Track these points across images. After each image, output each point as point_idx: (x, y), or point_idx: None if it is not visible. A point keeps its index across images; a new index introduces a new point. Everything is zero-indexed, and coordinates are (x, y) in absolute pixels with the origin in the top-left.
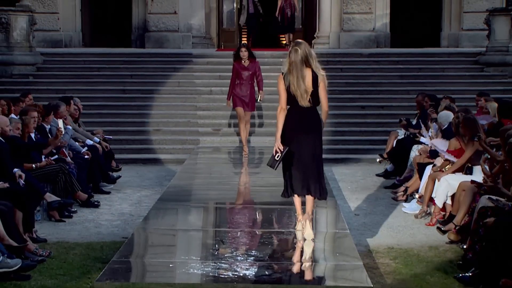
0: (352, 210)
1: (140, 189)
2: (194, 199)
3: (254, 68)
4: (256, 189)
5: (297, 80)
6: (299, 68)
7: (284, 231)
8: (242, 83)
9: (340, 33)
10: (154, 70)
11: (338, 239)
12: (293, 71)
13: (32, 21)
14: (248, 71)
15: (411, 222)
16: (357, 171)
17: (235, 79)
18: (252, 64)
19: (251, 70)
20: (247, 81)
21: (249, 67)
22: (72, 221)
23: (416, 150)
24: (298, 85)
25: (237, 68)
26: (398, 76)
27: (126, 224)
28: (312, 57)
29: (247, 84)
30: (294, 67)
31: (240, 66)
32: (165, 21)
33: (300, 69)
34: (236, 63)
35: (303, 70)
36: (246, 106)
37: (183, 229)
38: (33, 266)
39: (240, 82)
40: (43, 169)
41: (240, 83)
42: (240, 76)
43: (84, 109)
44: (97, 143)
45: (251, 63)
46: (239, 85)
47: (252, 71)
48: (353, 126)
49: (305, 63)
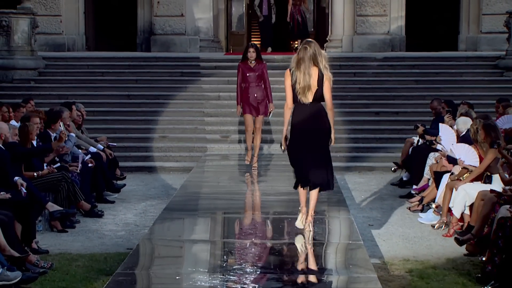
0: (366, 220)
1: (145, 198)
2: (202, 208)
3: (260, 70)
4: (266, 198)
5: (303, 76)
6: (306, 65)
7: (295, 242)
8: (249, 85)
9: (354, 36)
10: (160, 74)
11: (351, 251)
12: (300, 67)
13: (34, 24)
14: (254, 72)
15: (428, 233)
16: (371, 180)
17: (241, 81)
18: (259, 66)
19: (257, 71)
20: (254, 83)
21: (255, 68)
22: (75, 232)
23: (433, 158)
24: (304, 81)
25: (243, 68)
26: (413, 81)
27: (131, 235)
28: (321, 56)
29: (255, 86)
30: (302, 63)
31: (245, 67)
32: (172, 24)
33: (307, 66)
34: (241, 64)
35: (310, 67)
36: (255, 111)
37: (190, 240)
38: (34, 278)
39: (247, 85)
40: (45, 178)
41: (247, 86)
42: (246, 78)
43: (88, 115)
44: (101, 151)
45: (258, 64)
46: (246, 88)
47: (259, 72)
48: (367, 133)
49: (313, 61)
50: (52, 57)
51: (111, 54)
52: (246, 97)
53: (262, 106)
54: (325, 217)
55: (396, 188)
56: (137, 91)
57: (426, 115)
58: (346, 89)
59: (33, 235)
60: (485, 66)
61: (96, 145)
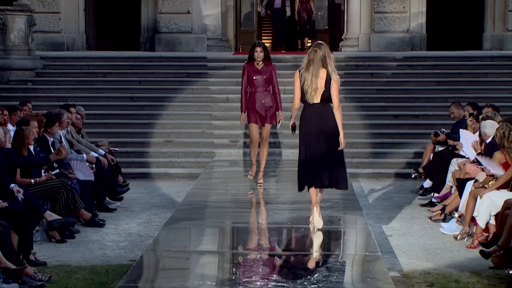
0: (384, 230)
1: (149, 207)
2: (209, 218)
3: (269, 72)
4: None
5: (312, 77)
6: (315, 67)
7: (308, 254)
8: (255, 90)
9: (371, 35)
10: (165, 75)
11: (369, 263)
12: (309, 68)
13: (31, 22)
14: (261, 75)
15: (450, 244)
16: (390, 187)
17: (247, 85)
18: (267, 68)
19: (265, 74)
20: (261, 88)
21: (263, 71)
22: (75, 242)
23: (455, 164)
24: (311, 82)
25: (248, 71)
26: (435, 82)
27: (134, 246)
28: (330, 58)
29: (262, 91)
30: (311, 65)
31: (252, 69)
32: (177, 22)
33: (316, 68)
34: (247, 65)
35: (319, 69)
36: (262, 120)
37: (196, 251)
38: None
39: (253, 90)
40: (42, 185)
41: (253, 91)
42: (251, 82)
43: (88, 118)
44: (102, 156)
45: (266, 66)
46: (252, 93)
47: (267, 75)
48: (385, 137)
49: (322, 63)
50: (50, 57)
51: (113, 53)
52: (252, 104)
53: (270, 114)
54: (340, 226)
55: (417, 196)
56: (140, 93)
57: (448, 118)
58: (363, 90)
59: (30, 246)
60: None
61: (97, 150)
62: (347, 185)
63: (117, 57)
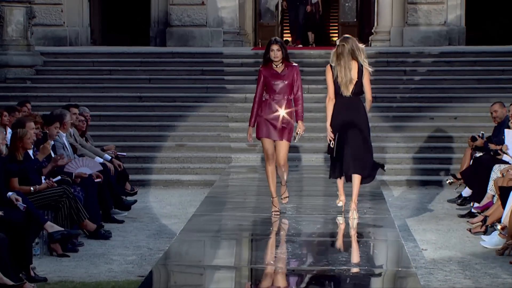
0: (418, 243)
1: (159, 217)
2: (225, 229)
3: (291, 76)
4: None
5: (344, 70)
6: (346, 60)
7: (335, 269)
8: (273, 98)
9: (404, 28)
10: (177, 73)
11: (401, 279)
12: (341, 62)
13: (31, 14)
14: (282, 80)
15: (492, 260)
16: (425, 196)
17: (262, 93)
18: (289, 70)
19: (287, 79)
20: (282, 96)
21: (284, 75)
22: (78, 256)
23: (498, 170)
24: (345, 75)
25: (266, 76)
26: (475, 80)
27: (143, 260)
28: (359, 50)
29: (282, 100)
30: (342, 58)
31: (269, 73)
32: (191, 14)
33: (347, 61)
34: (264, 69)
35: (349, 62)
36: (278, 134)
37: (211, 266)
38: None
39: (269, 98)
40: (43, 193)
41: (269, 98)
42: (270, 89)
43: (93, 120)
44: (108, 161)
45: (287, 69)
46: (268, 102)
47: (289, 80)
48: (419, 141)
49: (351, 55)
50: (51, 53)
51: (120, 49)
52: (266, 114)
53: (288, 128)
54: (370, 239)
55: (454, 206)
56: (150, 92)
57: (489, 120)
58: (395, 89)
59: (29, 260)
60: None
61: (102, 155)
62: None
63: (124, 53)
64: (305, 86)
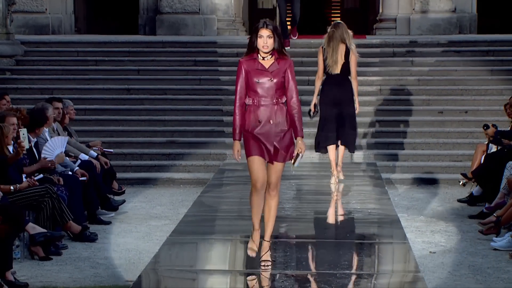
0: (426, 246)
1: (149, 218)
2: (219, 231)
3: (282, 73)
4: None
5: (332, 52)
6: (335, 43)
7: (336, 273)
8: (259, 103)
9: (411, 16)
10: (168, 63)
11: (408, 284)
12: (330, 44)
13: (10, 1)
14: (269, 77)
15: (505, 263)
16: (433, 196)
17: (243, 95)
18: (281, 65)
19: (276, 76)
20: (269, 99)
21: (273, 71)
22: (61, 260)
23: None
24: (332, 56)
25: (248, 70)
26: (487, 71)
27: (131, 264)
28: (348, 34)
29: (271, 104)
30: (331, 41)
31: (253, 67)
32: (183, 1)
33: (336, 44)
34: (245, 61)
35: (338, 44)
36: (270, 153)
37: (204, 270)
38: None
39: (255, 102)
40: (24, 192)
41: (255, 103)
42: (253, 88)
43: (78, 114)
44: (94, 158)
45: (278, 63)
46: (254, 108)
47: (278, 78)
48: (427, 137)
49: (341, 39)
50: (33, 42)
51: (107, 38)
52: (253, 126)
53: (283, 144)
54: (374, 242)
55: (465, 206)
56: (139, 84)
57: (503, 114)
58: (401, 81)
59: (9, 264)
60: None
61: (88, 152)
62: (355, 149)
63: (111, 42)
64: (305, 77)
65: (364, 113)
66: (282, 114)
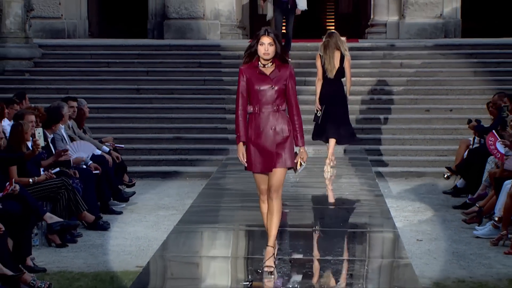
0: (414, 234)
1: (157, 208)
2: (223, 220)
3: (283, 80)
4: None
5: (329, 58)
6: (331, 50)
7: (331, 259)
8: (259, 111)
9: (400, 21)
10: (175, 65)
11: (397, 269)
12: (327, 52)
13: (29, 7)
14: (271, 85)
15: (486, 250)
16: (420, 188)
17: (245, 102)
18: (281, 72)
19: (278, 83)
20: (270, 106)
21: (274, 78)
22: (76, 247)
23: (492, 162)
24: (330, 63)
25: (249, 77)
26: (471, 72)
27: (141, 251)
28: (341, 42)
29: (272, 112)
30: (328, 49)
31: (254, 74)
32: (188, 6)
33: (332, 51)
34: (246, 69)
35: (334, 51)
36: (271, 161)
37: (209, 256)
38: None
39: (255, 110)
40: (41, 185)
41: (255, 112)
42: (254, 96)
43: (91, 112)
44: (107, 153)
45: (279, 70)
46: (254, 116)
47: (280, 85)
48: (415, 133)
49: (335, 46)
50: (49, 45)
51: (118, 41)
52: (255, 133)
53: (284, 152)
54: (366, 230)
55: (449, 197)
56: (147, 85)
57: (485, 112)
58: (391, 82)
59: (28, 250)
60: None
61: (101, 147)
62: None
63: (122, 45)
64: (302, 78)
65: (357, 111)
66: (283, 121)
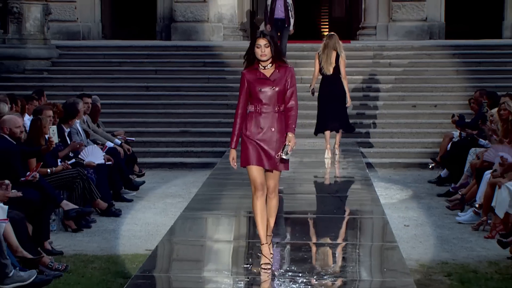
0: (401, 220)
1: (165, 196)
2: (225, 208)
3: (284, 81)
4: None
5: (326, 57)
6: (329, 50)
7: (326, 244)
8: (260, 111)
9: (389, 24)
10: (181, 64)
11: (386, 252)
12: (325, 51)
13: (47, 11)
14: (271, 86)
15: (468, 235)
16: (407, 177)
17: (245, 104)
18: (282, 73)
19: (278, 84)
20: (270, 108)
21: (274, 79)
22: (91, 232)
23: (474, 154)
24: (326, 60)
25: (250, 81)
26: (454, 71)
27: (150, 235)
28: (339, 44)
29: (272, 112)
30: (326, 48)
31: (255, 77)
32: (193, 10)
33: (329, 51)
34: (247, 72)
35: (331, 51)
36: (268, 160)
37: (212, 240)
38: (48, 281)
39: (255, 110)
40: (59, 174)
41: (256, 111)
42: (255, 97)
43: (104, 108)
44: (118, 146)
45: (279, 71)
46: (255, 115)
47: (280, 86)
48: (403, 127)
49: (333, 47)
50: (66, 46)
51: (129, 42)
52: (255, 131)
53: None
54: (357, 216)
55: (434, 186)
56: (156, 82)
57: (467, 108)
58: (380, 80)
59: (46, 235)
60: None
61: (113, 140)
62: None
63: (132, 46)
64: (298, 76)
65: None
66: (281, 121)
